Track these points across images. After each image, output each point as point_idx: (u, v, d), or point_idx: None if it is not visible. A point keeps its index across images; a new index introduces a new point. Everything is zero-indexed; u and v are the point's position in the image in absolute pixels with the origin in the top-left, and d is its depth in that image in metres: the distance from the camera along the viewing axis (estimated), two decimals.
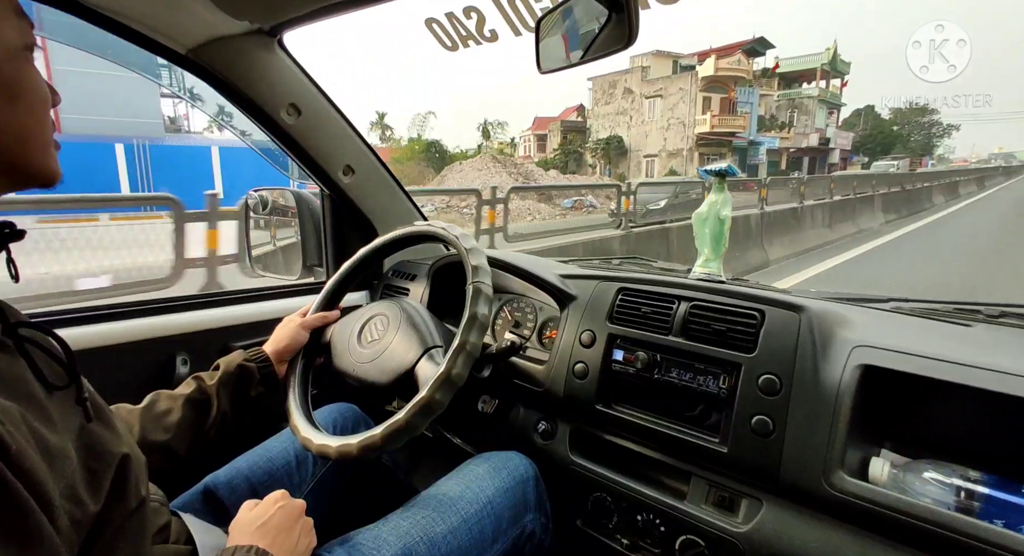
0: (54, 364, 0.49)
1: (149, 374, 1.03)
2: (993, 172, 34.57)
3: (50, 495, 0.38)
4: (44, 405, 0.44)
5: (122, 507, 0.47)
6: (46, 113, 0.49)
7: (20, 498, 0.35)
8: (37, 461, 0.38)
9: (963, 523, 0.61)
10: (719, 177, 0.97)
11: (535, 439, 1.05)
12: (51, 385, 0.46)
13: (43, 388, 0.45)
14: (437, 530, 0.76)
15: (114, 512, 0.46)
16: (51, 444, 0.41)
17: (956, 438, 0.73)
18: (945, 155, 54.58)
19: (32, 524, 0.36)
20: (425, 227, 0.95)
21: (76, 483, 0.43)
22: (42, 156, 0.49)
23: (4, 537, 0.34)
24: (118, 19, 0.87)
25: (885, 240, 9.35)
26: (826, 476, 0.70)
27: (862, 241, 9.23)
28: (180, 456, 0.76)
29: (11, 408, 0.39)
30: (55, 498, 0.39)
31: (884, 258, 7.76)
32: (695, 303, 0.90)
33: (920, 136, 47.36)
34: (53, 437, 0.42)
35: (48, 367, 0.47)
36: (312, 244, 1.39)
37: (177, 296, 1.14)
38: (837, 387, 0.73)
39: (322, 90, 1.16)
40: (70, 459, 0.43)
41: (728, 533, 0.80)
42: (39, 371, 0.45)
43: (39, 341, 0.48)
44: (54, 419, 0.44)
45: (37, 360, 0.46)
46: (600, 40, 0.78)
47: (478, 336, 0.75)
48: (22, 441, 0.38)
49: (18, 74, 0.46)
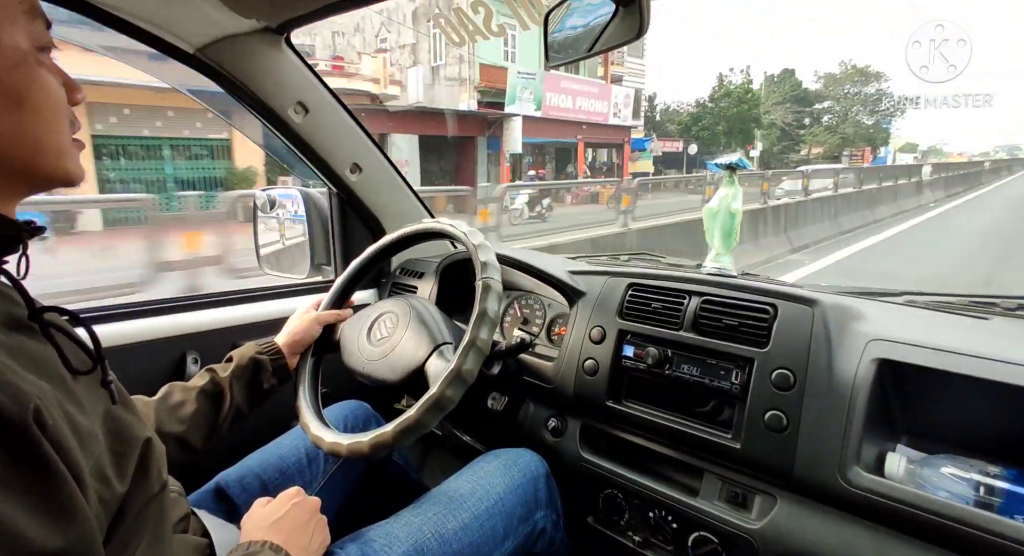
0: (77, 349, 0.50)
1: (161, 373, 1.04)
2: (975, 170, 26.42)
3: (83, 473, 0.39)
4: (72, 387, 0.44)
5: (145, 490, 0.48)
6: (58, 117, 0.48)
7: (59, 472, 0.36)
8: (71, 438, 0.39)
9: (984, 519, 0.60)
10: (730, 170, 0.96)
11: (545, 436, 1.05)
12: (76, 370, 0.46)
13: (69, 372, 0.46)
14: (448, 527, 0.76)
15: (138, 495, 0.47)
16: (81, 424, 0.42)
17: (974, 432, 0.72)
18: (939, 147, 47.17)
19: (69, 497, 0.36)
20: (434, 224, 0.95)
21: (104, 464, 0.44)
22: (56, 160, 0.48)
23: (44, 508, 0.35)
24: (127, 18, 0.88)
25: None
26: (842, 472, 0.69)
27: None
28: (195, 447, 0.77)
29: (45, 388, 0.40)
30: (86, 476, 0.40)
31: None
32: (706, 298, 0.89)
33: (859, 114, 33.78)
34: (82, 418, 0.43)
35: (72, 352, 0.48)
36: (320, 243, 1.39)
37: (187, 295, 1.15)
38: (852, 381, 0.72)
39: (329, 88, 1.16)
40: (98, 440, 0.44)
41: (742, 530, 0.79)
42: (64, 355, 0.46)
43: (63, 327, 0.49)
44: (82, 401, 0.44)
45: (62, 344, 0.46)
46: (609, 32, 0.77)
47: (488, 332, 0.75)
48: (58, 418, 0.38)
49: (24, 80, 0.45)
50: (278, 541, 0.62)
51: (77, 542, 0.36)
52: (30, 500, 0.34)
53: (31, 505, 0.34)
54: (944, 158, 40.67)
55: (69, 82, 0.50)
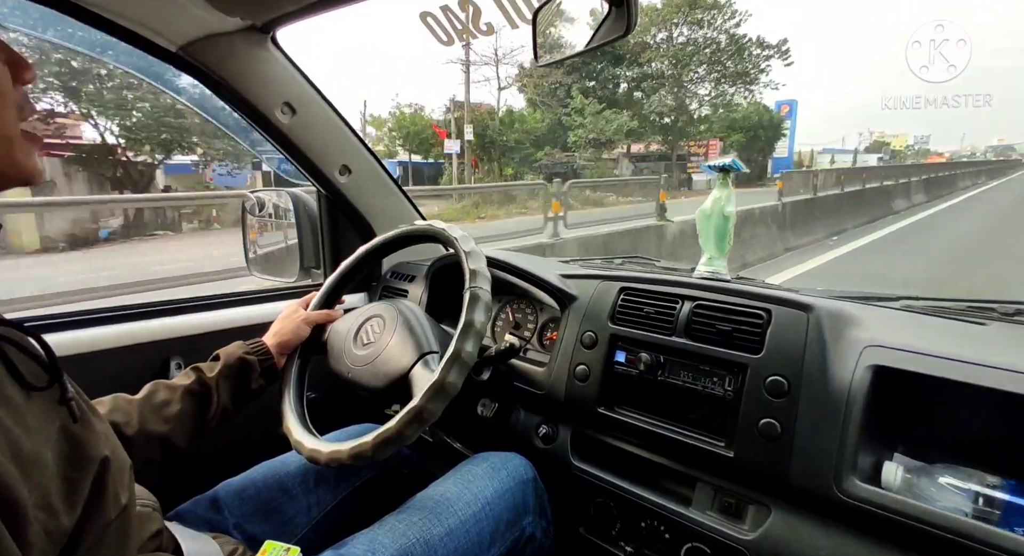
0: (34, 364, 0.46)
1: (142, 379, 1.01)
2: (943, 176, 20.84)
3: (22, 503, 0.36)
4: (20, 407, 0.41)
5: (101, 516, 0.45)
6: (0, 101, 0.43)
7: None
8: (8, 466, 0.36)
9: (982, 531, 0.58)
10: (723, 172, 0.95)
11: (536, 443, 1.03)
12: (30, 385, 0.43)
13: (21, 390, 0.43)
14: (434, 532, 0.74)
15: (92, 522, 0.44)
16: (25, 450, 0.39)
17: (972, 441, 0.70)
18: (916, 146, 41.99)
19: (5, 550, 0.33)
20: (425, 227, 0.93)
21: (51, 493, 0.41)
22: (3, 152, 0.43)
23: None
24: (107, 16, 0.86)
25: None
26: (837, 481, 0.68)
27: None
28: (179, 448, 0.75)
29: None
30: (27, 507, 0.37)
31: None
32: (699, 302, 0.87)
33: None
34: (28, 443, 0.40)
35: (27, 367, 0.45)
36: (309, 245, 1.37)
37: (171, 299, 1.13)
38: (848, 389, 0.71)
39: (317, 89, 1.14)
40: (46, 466, 0.41)
41: (735, 541, 0.77)
42: (16, 371, 0.43)
43: (17, 340, 0.45)
44: (30, 424, 0.41)
45: (15, 359, 0.43)
46: (598, 30, 0.76)
47: (474, 344, 0.73)
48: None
49: None
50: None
51: None
52: None
53: None
54: (923, 158, 36.81)
55: (15, 58, 0.44)
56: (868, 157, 35.96)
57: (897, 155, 42.43)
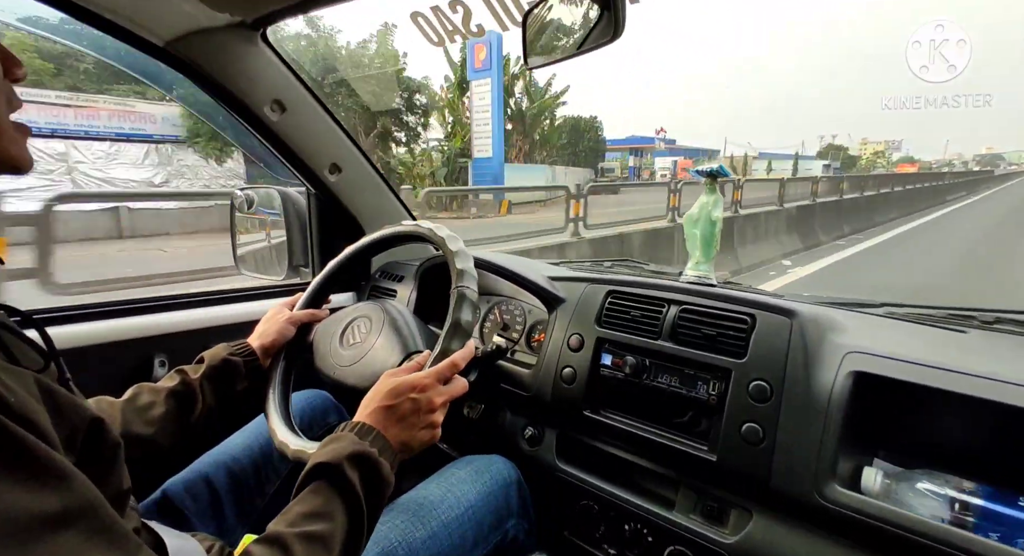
0: (28, 349, 0.47)
1: (124, 376, 1.00)
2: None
3: (57, 443, 0.38)
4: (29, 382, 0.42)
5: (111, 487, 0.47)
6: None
7: (28, 439, 0.35)
8: (41, 412, 0.38)
9: (958, 537, 0.59)
10: (710, 178, 0.95)
11: (522, 445, 1.03)
12: (26, 369, 0.44)
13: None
14: (416, 535, 0.74)
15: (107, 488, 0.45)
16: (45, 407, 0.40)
17: (951, 447, 0.71)
18: (888, 153, 36.87)
19: (49, 460, 0.35)
20: (413, 227, 0.93)
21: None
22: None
23: (24, 475, 0.34)
24: (93, 9, 0.84)
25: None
26: (817, 486, 0.68)
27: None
28: (163, 450, 0.74)
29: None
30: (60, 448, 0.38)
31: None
32: (685, 307, 0.88)
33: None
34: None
35: (22, 352, 0.45)
36: (298, 244, 1.36)
37: (156, 296, 1.11)
38: (829, 394, 0.71)
39: (308, 86, 1.13)
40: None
41: (717, 544, 0.77)
42: (10, 353, 0.44)
43: (10, 326, 0.47)
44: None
45: (9, 344, 0.44)
46: (589, 34, 0.76)
47: (460, 344, 0.73)
48: (23, 394, 0.38)
49: None
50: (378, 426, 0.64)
51: (75, 500, 0.36)
52: (7, 470, 0.33)
53: (10, 476, 0.33)
54: (891, 168, 31.24)
55: (5, 54, 0.46)
56: (813, 164, 31.28)
57: (855, 162, 37.10)
